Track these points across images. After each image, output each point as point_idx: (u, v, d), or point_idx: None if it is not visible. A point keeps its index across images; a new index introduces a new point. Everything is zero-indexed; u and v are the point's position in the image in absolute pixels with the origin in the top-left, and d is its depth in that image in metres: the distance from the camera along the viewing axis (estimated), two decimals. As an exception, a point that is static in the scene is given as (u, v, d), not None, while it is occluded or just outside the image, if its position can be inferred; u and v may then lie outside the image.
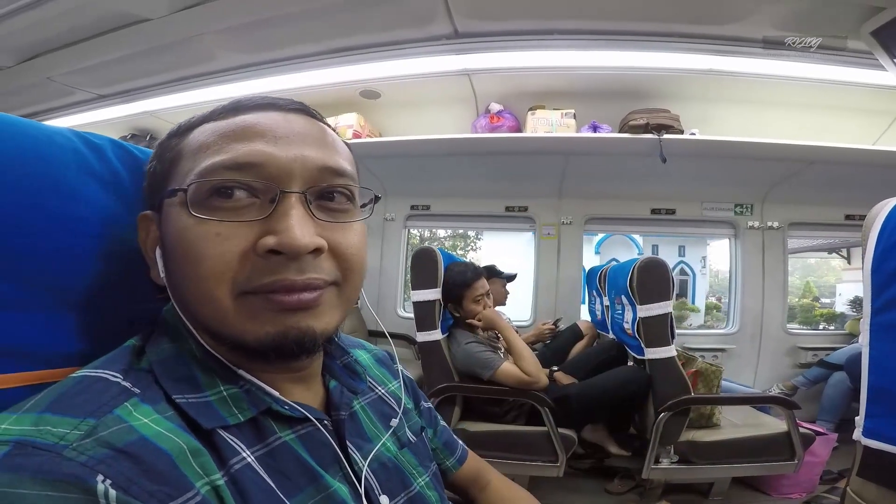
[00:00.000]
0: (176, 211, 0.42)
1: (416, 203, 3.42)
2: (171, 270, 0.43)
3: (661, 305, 1.89)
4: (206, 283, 0.40)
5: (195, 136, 0.45)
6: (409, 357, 3.10)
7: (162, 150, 0.47)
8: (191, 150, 0.44)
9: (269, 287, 0.40)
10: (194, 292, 0.41)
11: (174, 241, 0.42)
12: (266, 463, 0.40)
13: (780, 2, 1.79)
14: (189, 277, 0.41)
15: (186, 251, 0.41)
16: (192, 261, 0.40)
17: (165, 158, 0.46)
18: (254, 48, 2.31)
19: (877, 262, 0.66)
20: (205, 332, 0.44)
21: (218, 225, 0.40)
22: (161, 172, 0.46)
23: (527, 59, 2.25)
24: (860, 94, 2.34)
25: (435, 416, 0.71)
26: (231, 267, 0.40)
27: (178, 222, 0.42)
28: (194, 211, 0.40)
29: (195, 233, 0.40)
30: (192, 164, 0.43)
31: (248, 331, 0.41)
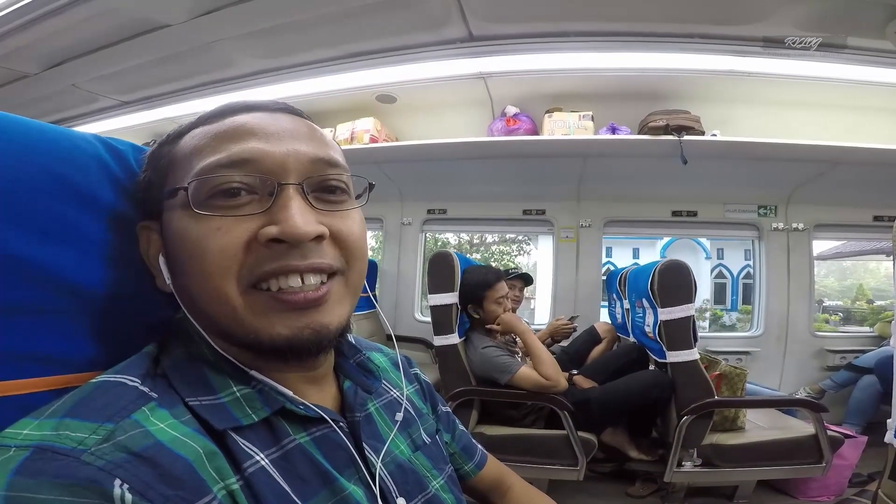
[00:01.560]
0: (177, 214, 0.43)
1: (432, 207, 3.43)
2: (177, 274, 0.44)
3: (682, 308, 1.86)
4: (213, 280, 0.41)
5: (187, 142, 0.45)
6: (427, 361, 3.11)
7: (154, 159, 0.47)
8: (184, 155, 0.44)
9: (273, 272, 0.41)
10: (202, 291, 0.42)
11: (177, 243, 0.43)
12: (280, 466, 0.40)
13: (803, 2, 1.77)
14: (195, 276, 0.42)
15: (191, 250, 0.41)
16: (196, 258, 0.41)
17: (159, 166, 0.46)
18: (271, 54, 2.36)
19: (904, 264, 0.64)
20: (217, 334, 0.44)
21: (220, 220, 0.41)
22: (156, 181, 0.46)
23: (542, 62, 2.25)
24: (887, 93, 2.29)
25: (453, 420, 0.71)
26: (236, 259, 0.40)
27: (180, 223, 0.42)
28: (196, 209, 0.41)
29: (198, 230, 0.41)
30: (187, 167, 0.43)
31: (261, 328, 0.41)
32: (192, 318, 0.44)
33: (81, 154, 0.46)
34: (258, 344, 0.42)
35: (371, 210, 3.46)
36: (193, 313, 0.44)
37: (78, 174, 0.45)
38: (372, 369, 0.57)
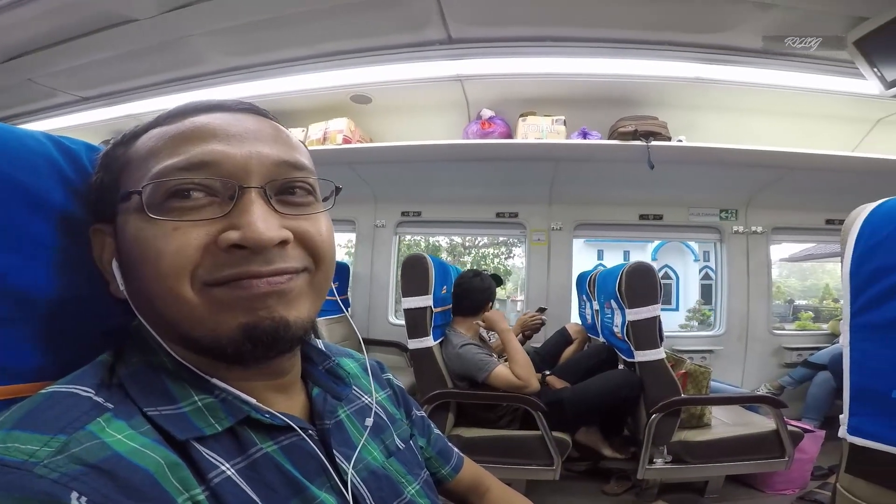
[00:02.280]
0: (132, 217, 0.41)
1: (407, 209, 3.42)
2: (131, 278, 0.42)
3: (649, 309, 1.93)
4: (167, 281, 0.39)
5: (143, 143, 0.43)
6: (402, 364, 3.10)
7: (107, 161, 0.45)
8: (140, 157, 0.42)
9: (233, 277, 0.39)
10: (157, 293, 0.40)
11: (131, 247, 0.41)
12: (247, 475, 0.39)
13: (769, 12, 1.82)
14: (150, 278, 0.40)
15: (144, 252, 0.39)
16: (151, 260, 0.39)
17: (112, 168, 0.44)
18: (243, 51, 2.30)
19: (855, 265, 0.69)
20: (175, 340, 0.42)
21: (176, 223, 0.39)
22: (109, 183, 0.44)
23: (519, 66, 2.27)
24: (841, 102, 2.39)
25: (428, 424, 0.70)
26: (191, 261, 0.39)
27: (135, 226, 0.40)
28: (151, 213, 0.39)
29: (153, 232, 0.39)
30: (142, 170, 0.41)
31: (220, 324, 0.39)
32: (148, 325, 0.43)
33: (30, 153, 0.44)
34: (216, 342, 0.40)
35: (343, 212, 3.43)
36: (149, 320, 0.43)
37: (26, 175, 0.43)
38: (342, 375, 0.56)
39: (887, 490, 0.66)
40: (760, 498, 2.16)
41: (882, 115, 2.58)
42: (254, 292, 0.40)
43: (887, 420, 0.65)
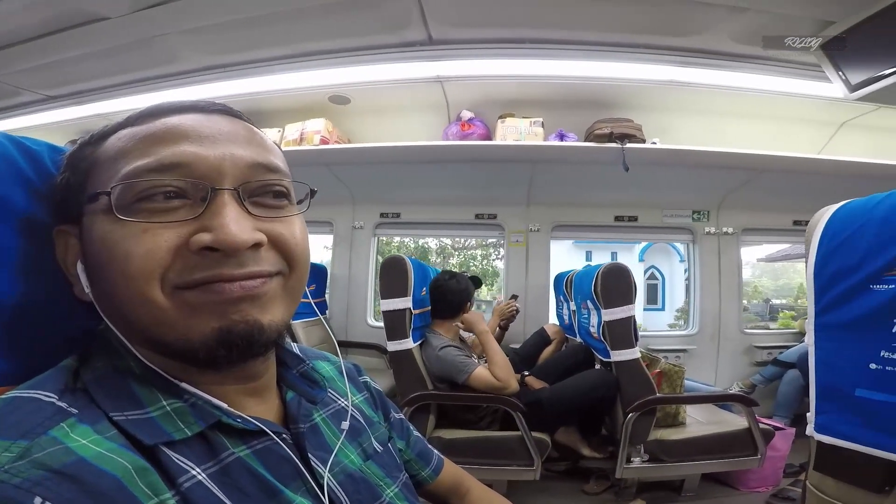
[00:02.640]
0: (99, 219, 0.40)
1: (385, 211, 3.40)
2: (97, 281, 0.41)
3: (624, 309, 1.96)
4: (136, 283, 0.38)
5: (112, 143, 0.42)
6: (381, 367, 3.08)
7: (74, 160, 0.44)
8: (108, 157, 0.42)
9: (205, 280, 0.39)
10: (125, 296, 0.39)
11: (98, 248, 0.40)
12: (219, 480, 0.38)
13: (740, 16, 1.87)
14: (117, 281, 0.39)
15: (112, 253, 0.38)
16: (119, 261, 0.38)
17: (79, 168, 0.43)
18: (219, 50, 2.27)
19: (818, 266, 0.71)
20: (143, 343, 0.41)
21: (146, 224, 0.38)
22: (75, 183, 0.43)
23: (499, 67, 2.27)
24: (808, 105, 2.46)
25: (407, 427, 0.70)
26: (161, 263, 0.38)
27: (102, 228, 0.39)
28: (120, 215, 0.38)
29: (121, 234, 0.38)
30: (111, 171, 0.40)
31: (192, 328, 0.39)
32: (115, 328, 0.42)
33: None
34: (188, 347, 0.39)
35: (321, 213, 3.39)
36: (117, 323, 0.42)
37: None
38: (317, 379, 0.56)
39: (855, 487, 0.67)
40: (735, 496, 2.20)
41: (846, 118, 2.66)
42: (226, 296, 0.39)
43: (852, 418, 0.67)
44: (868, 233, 0.65)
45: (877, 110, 2.47)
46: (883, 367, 0.63)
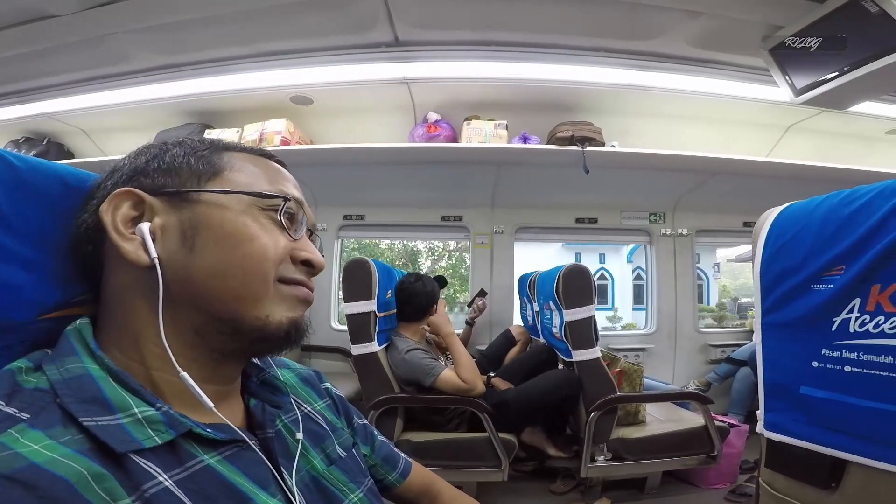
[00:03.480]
0: (233, 207, 0.47)
1: (349, 213, 3.36)
2: (201, 252, 0.45)
3: (584, 310, 1.99)
4: (265, 264, 0.46)
5: (239, 160, 0.51)
6: (346, 370, 3.04)
7: (193, 151, 0.50)
8: (240, 169, 0.50)
9: (298, 281, 0.49)
10: (241, 270, 0.45)
11: (225, 230, 0.46)
12: (187, 487, 0.38)
13: (695, 20, 1.91)
14: (247, 257, 0.46)
15: (247, 237, 0.46)
16: (258, 244, 0.46)
17: (204, 159, 0.50)
18: (175, 49, 2.19)
19: (764, 266, 0.73)
20: (206, 316, 0.45)
21: (276, 228, 0.49)
22: (194, 169, 0.49)
23: (465, 69, 2.27)
24: (757, 109, 2.56)
25: (371, 432, 0.71)
26: (281, 259, 0.48)
27: (240, 217, 0.47)
28: (265, 216, 0.48)
29: (258, 228, 0.47)
30: (251, 180, 0.50)
31: (275, 312, 0.47)
32: (181, 293, 0.45)
33: None
34: (263, 325, 0.46)
35: (282, 215, 3.31)
36: (183, 290, 0.45)
37: None
38: (279, 385, 0.57)
39: (803, 483, 0.69)
40: (696, 493, 2.26)
41: (792, 122, 2.78)
42: (303, 297, 0.50)
43: (798, 415, 0.69)
44: (809, 234, 0.68)
45: (820, 114, 2.59)
46: (824, 365, 0.65)
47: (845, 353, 0.62)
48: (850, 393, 0.62)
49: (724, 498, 2.17)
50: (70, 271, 0.48)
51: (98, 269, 0.47)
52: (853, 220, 0.63)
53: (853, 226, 0.62)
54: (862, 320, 0.60)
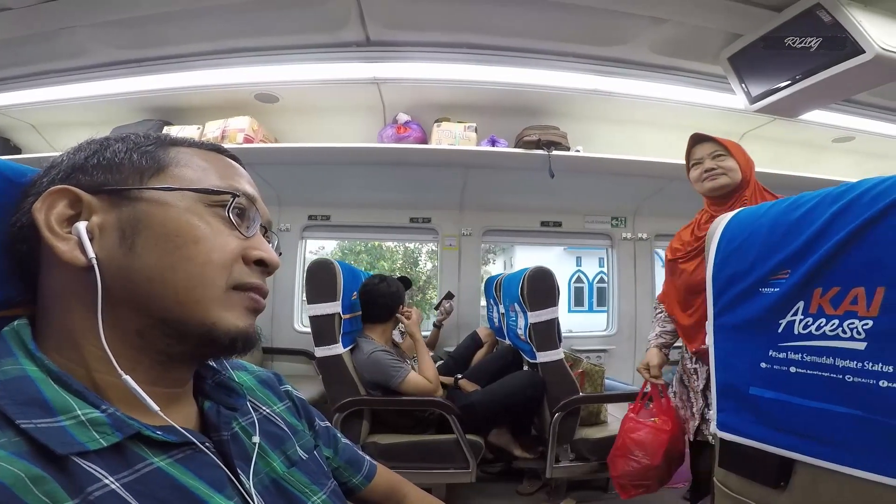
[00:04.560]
0: (180, 204, 0.45)
1: (314, 213, 3.30)
2: (142, 252, 0.43)
3: (548, 311, 2.02)
4: (212, 267, 0.44)
5: (187, 155, 0.49)
6: (311, 373, 2.99)
7: (136, 146, 0.48)
8: (191, 163, 0.48)
9: (252, 286, 0.47)
10: (191, 274, 0.43)
11: (169, 229, 0.44)
12: (135, 490, 0.37)
13: (659, 27, 1.95)
14: (193, 259, 0.44)
15: (191, 238, 0.44)
16: (204, 245, 0.44)
17: (148, 155, 0.48)
18: (136, 44, 2.12)
19: (716, 270, 0.75)
20: (149, 319, 0.43)
21: (226, 227, 0.47)
22: (136, 165, 0.47)
23: (437, 71, 2.26)
24: (715, 115, 2.62)
25: (333, 434, 0.70)
26: (232, 261, 0.46)
27: (185, 214, 0.45)
28: (210, 212, 0.46)
29: (208, 227, 0.45)
30: (199, 175, 0.48)
31: (223, 319, 0.45)
32: (122, 294, 0.43)
33: None
34: (209, 332, 0.44)
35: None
36: (124, 290, 0.43)
37: None
38: (234, 387, 0.56)
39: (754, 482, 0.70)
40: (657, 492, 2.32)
41: (747, 129, 2.87)
42: (256, 305, 0.48)
43: (748, 415, 0.71)
44: (757, 239, 0.70)
45: (773, 122, 2.70)
46: (772, 366, 0.67)
47: (790, 354, 0.65)
48: (796, 393, 0.64)
49: (682, 497, 2.23)
50: (7, 271, 0.46)
51: (35, 269, 0.45)
52: (798, 226, 0.65)
53: (797, 231, 0.65)
54: (805, 322, 0.63)
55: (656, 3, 1.81)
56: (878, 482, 0.55)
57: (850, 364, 0.58)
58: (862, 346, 0.57)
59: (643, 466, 1.57)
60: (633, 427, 1.66)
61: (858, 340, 0.57)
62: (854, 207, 0.59)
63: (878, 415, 0.55)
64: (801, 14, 1.71)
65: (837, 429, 0.60)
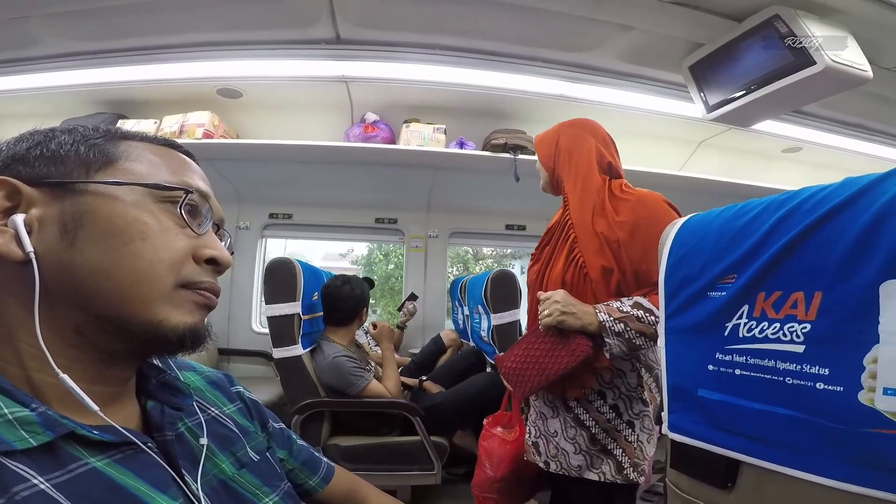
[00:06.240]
0: (128, 199, 0.44)
1: (275, 211, 3.23)
2: (85, 247, 0.42)
3: (511, 314, 2.03)
4: (160, 266, 0.43)
5: (137, 149, 0.48)
6: (269, 374, 2.92)
7: (84, 139, 0.47)
8: (142, 157, 0.47)
9: (202, 285, 0.47)
10: (132, 270, 0.42)
11: (116, 224, 0.43)
12: (68, 490, 0.37)
13: (626, 34, 1.98)
14: (139, 256, 0.43)
15: (139, 234, 0.43)
16: (152, 244, 0.43)
17: (96, 148, 0.46)
18: (93, 35, 2.04)
19: (668, 274, 0.77)
20: (90, 317, 0.42)
21: (175, 224, 0.46)
22: (83, 158, 0.45)
23: (407, 71, 2.25)
24: (675, 124, 2.69)
25: (288, 436, 0.70)
26: (182, 259, 0.45)
27: (127, 210, 0.43)
28: (161, 209, 0.45)
29: (159, 224, 0.44)
30: (149, 170, 0.47)
31: (171, 315, 0.44)
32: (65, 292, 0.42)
33: None
34: (156, 330, 0.43)
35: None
36: (59, 286, 0.41)
37: None
38: (180, 387, 0.55)
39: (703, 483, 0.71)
40: (616, 492, 2.35)
41: (704, 138, 2.96)
42: (207, 302, 0.48)
43: (696, 417, 0.72)
44: (707, 244, 0.72)
45: (728, 131, 2.79)
46: (718, 369, 0.68)
47: (736, 357, 0.66)
48: (741, 395, 0.66)
49: (640, 497, 2.27)
50: None
51: None
52: (743, 232, 0.67)
53: (743, 237, 0.66)
54: (749, 326, 0.64)
55: (625, 11, 1.84)
56: (818, 483, 0.57)
57: (790, 367, 0.59)
58: (801, 349, 0.58)
59: (488, 478, 1.48)
60: (483, 434, 1.58)
61: (797, 343, 0.59)
62: (795, 214, 0.61)
63: (816, 416, 0.57)
64: (760, 25, 1.76)
65: (779, 430, 0.61)
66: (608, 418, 1.19)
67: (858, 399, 0.53)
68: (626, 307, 1.11)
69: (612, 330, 1.10)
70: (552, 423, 1.25)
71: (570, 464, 1.20)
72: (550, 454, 1.24)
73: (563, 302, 1.16)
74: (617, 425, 1.20)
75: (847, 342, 0.54)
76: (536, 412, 1.31)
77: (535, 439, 1.30)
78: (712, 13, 1.83)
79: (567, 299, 1.17)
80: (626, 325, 1.09)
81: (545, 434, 1.26)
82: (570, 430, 1.21)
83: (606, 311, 1.12)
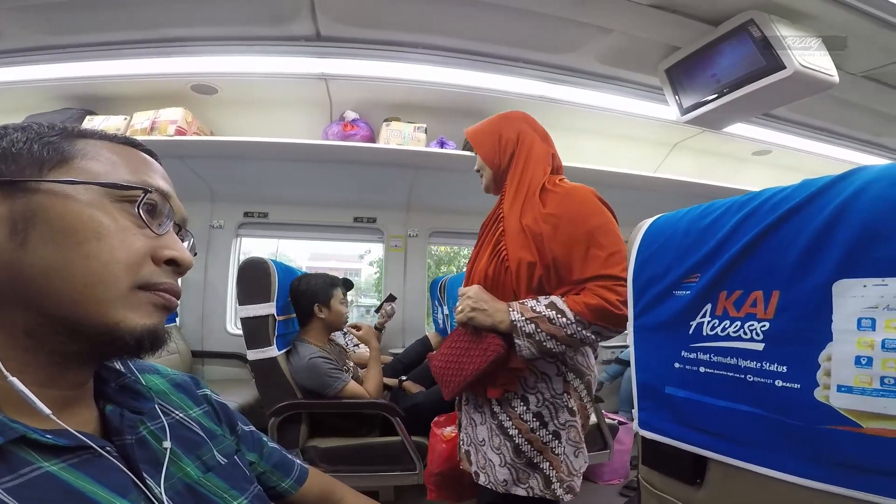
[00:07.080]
0: (83, 199, 0.43)
1: (250, 210, 3.17)
2: (42, 247, 0.41)
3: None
4: (117, 267, 0.43)
5: (95, 147, 0.47)
6: (244, 377, 2.86)
7: (38, 136, 0.46)
8: (99, 156, 0.46)
9: (161, 287, 0.46)
10: (88, 271, 0.41)
11: (71, 223, 0.42)
12: (21, 495, 0.36)
13: (605, 36, 2.00)
14: (95, 257, 0.42)
15: (101, 235, 0.42)
16: (108, 244, 0.42)
17: (51, 146, 0.45)
18: (60, 29, 1.98)
19: (636, 273, 0.78)
20: (41, 317, 0.41)
21: (133, 224, 0.45)
22: (36, 156, 0.44)
23: (388, 70, 2.23)
24: (651, 126, 2.74)
25: (259, 438, 0.69)
26: (139, 260, 0.45)
27: (83, 210, 0.42)
28: (118, 209, 0.44)
29: (115, 224, 0.43)
30: (107, 169, 0.46)
31: (128, 317, 0.43)
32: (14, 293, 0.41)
33: None
34: (113, 332, 0.42)
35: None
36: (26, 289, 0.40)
37: None
38: (141, 391, 0.54)
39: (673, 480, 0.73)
40: (594, 489, 2.38)
41: (678, 140, 3.02)
42: (167, 304, 0.47)
43: (665, 414, 0.73)
44: (673, 244, 0.73)
45: (701, 133, 2.85)
46: (684, 366, 0.70)
47: (700, 354, 0.67)
48: (706, 393, 0.67)
49: (618, 493, 2.31)
50: None
51: None
52: (707, 232, 0.68)
53: (707, 237, 0.68)
54: (713, 324, 0.65)
55: (605, 13, 1.86)
56: (779, 479, 0.58)
57: (750, 364, 0.61)
58: (760, 346, 0.60)
59: (428, 471, 1.51)
60: (431, 430, 1.61)
61: (757, 341, 0.60)
62: (756, 215, 0.62)
63: (776, 413, 0.58)
64: (734, 29, 1.81)
65: (742, 427, 0.62)
66: (531, 427, 1.10)
67: (815, 396, 0.54)
68: (541, 307, 1.05)
69: (523, 331, 1.04)
70: (480, 430, 1.18)
71: (497, 478, 1.12)
72: (479, 464, 1.18)
73: (474, 298, 1.11)
74: (542, 436, 1.10)
75: (803, 340, 0.56)
76: (468, 418, 1.25)
77: (466, 447, 1.25)
78: (690, 17, 1.86)
79: (479, 295, 1.12)
80: (537, 327, 1.03)
81: (475, 442, 1.20)
82: (495, 440, 1.14)
83: (520, 309, 1.06)
